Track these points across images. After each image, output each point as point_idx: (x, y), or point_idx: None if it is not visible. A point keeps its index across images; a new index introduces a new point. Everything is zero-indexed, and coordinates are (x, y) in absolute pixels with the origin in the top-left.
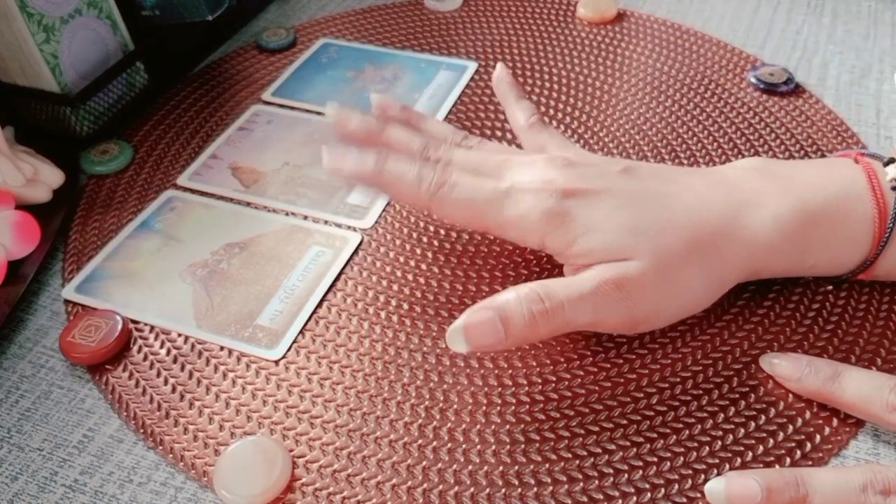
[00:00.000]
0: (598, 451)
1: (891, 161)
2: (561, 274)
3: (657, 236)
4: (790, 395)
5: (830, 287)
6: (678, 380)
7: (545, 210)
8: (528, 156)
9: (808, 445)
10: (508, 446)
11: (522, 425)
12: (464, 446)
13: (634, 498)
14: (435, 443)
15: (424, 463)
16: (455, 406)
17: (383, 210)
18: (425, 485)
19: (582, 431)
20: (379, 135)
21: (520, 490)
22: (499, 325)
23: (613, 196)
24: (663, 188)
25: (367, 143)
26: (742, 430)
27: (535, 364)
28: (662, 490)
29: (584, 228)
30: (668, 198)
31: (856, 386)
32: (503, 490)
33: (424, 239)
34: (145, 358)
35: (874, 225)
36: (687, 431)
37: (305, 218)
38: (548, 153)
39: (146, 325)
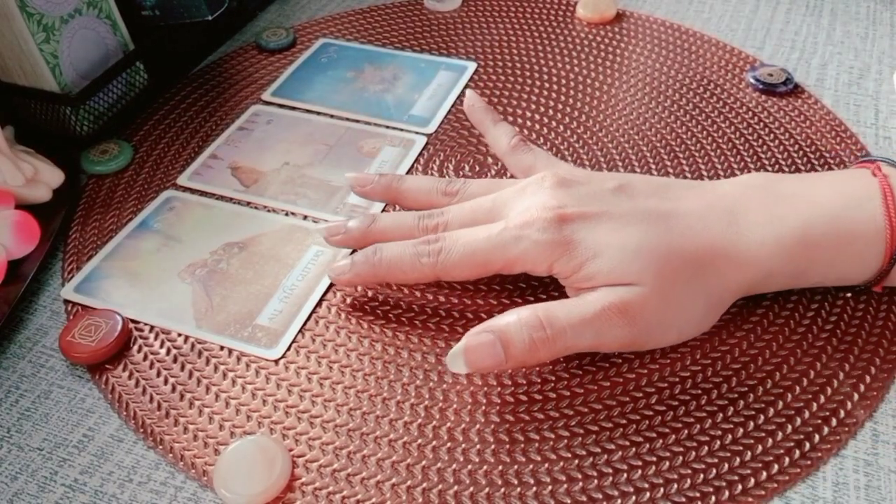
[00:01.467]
0: (598, 450)
1: None
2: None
3: (660, 260)
4: (789, 395)
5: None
6: (677, 379)
7: (547, 241)
8: (517, 183)
9: (807, 445)
10: (508, 446)
11: (522, 425)
12: (464, 446)
13: (634, 497)
14: (435, 442)
15: (424, 462)
16: (455, 406)
17: (382, 210)
18: (425, 484)
19: (581, 431)
20: (370, 231)
21: (519, 490)
22: (499, 348)
23: (612, 218)
24: (662, 207)
25: (364, 241)
26: (741, 430)
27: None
28: (662, 490)
29: (589, 253)
30: (667, 218)
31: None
32: (503, 490)
33: None
34: (145, 357)
35: (885, 242)
36: (686, 431)
37: (305, 218)
38: (536, 173)
39: (146, 324)
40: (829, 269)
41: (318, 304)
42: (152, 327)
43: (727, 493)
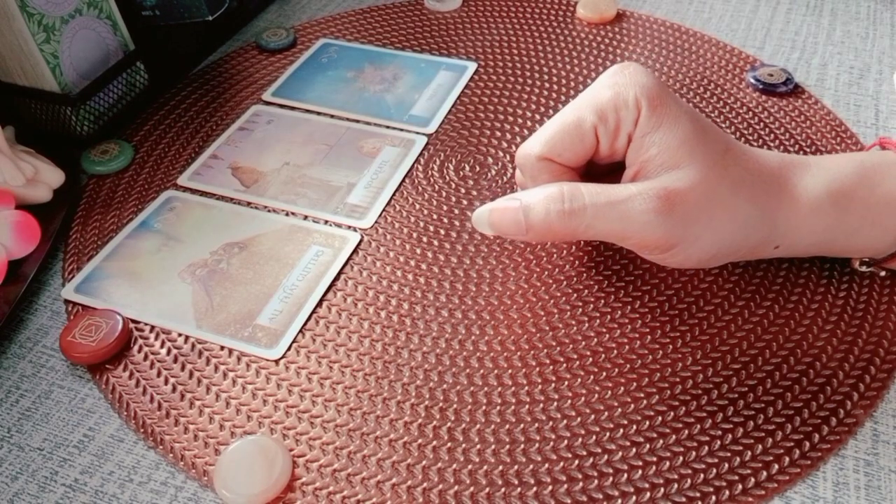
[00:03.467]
0: (598, 451)
1: None
2: (558, 281)
3: (717, 150)
4: (789, 395)
5: (831, 284)
6: (678, 380)
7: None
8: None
9: (807, 445)
10: (508, 446)
11: (522, 425)
12: (464, 446)
13: (634, 498)
14: (435, 442)
15: (424, 462)
16: (455, 406)
17: (383, 210)
18: (425, 484)
19: (582, 431)
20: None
21: (520, 490)
22: (521, 215)
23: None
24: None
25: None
26: (741, 430)
27: (534, 364)
28: (662, 490)
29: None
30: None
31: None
32: (503, 490)
33: (424, 239)
34: (145, 357)
35: None
36: (687, 431)
37: (305, 218)
38: None
39: (146, 324)
40: (861, 223)
41: (319, 304)
42: (153, 327)
43: (727, 493)
